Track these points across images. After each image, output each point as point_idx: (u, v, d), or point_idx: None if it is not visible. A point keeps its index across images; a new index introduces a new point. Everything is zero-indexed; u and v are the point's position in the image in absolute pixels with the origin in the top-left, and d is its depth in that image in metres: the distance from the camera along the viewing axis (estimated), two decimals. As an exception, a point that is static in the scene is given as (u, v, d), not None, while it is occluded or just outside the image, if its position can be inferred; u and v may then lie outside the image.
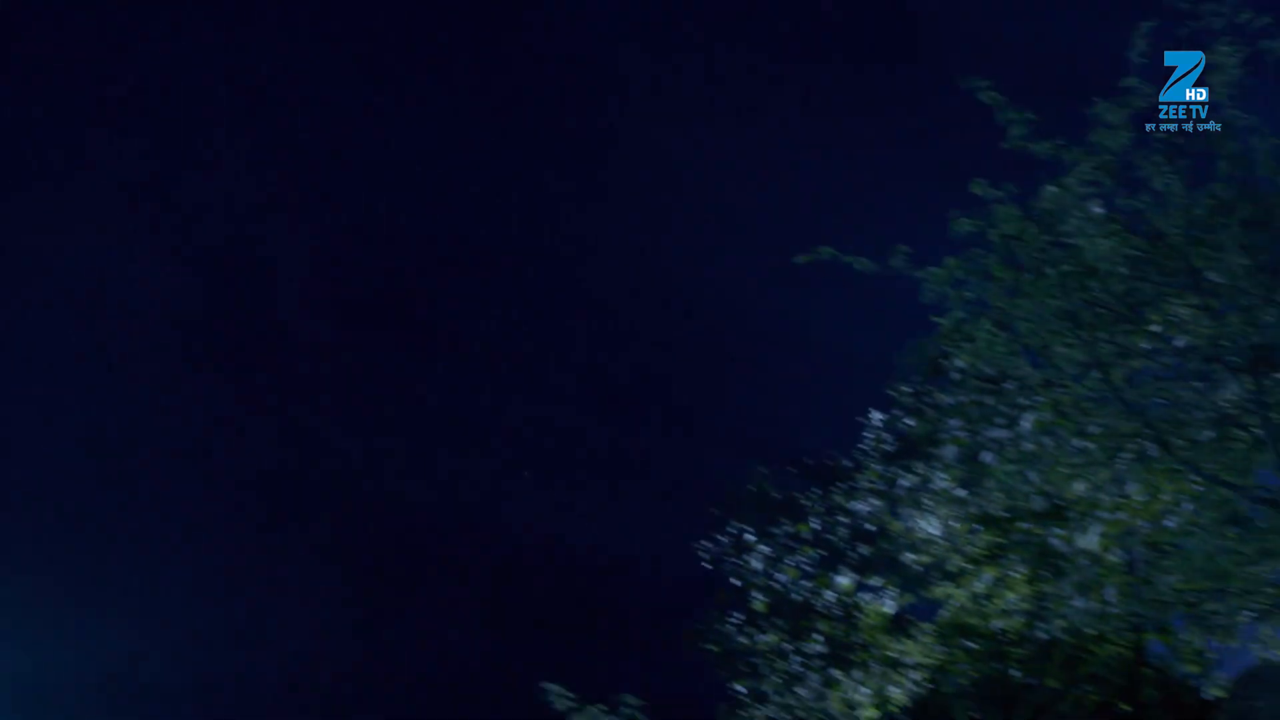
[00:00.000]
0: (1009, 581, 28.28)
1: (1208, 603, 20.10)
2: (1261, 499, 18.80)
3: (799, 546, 32.61)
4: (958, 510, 31.14)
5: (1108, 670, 24.75)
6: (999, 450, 26.56)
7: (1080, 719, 24.35)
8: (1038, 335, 18.78)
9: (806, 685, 30.94)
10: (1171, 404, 19.77)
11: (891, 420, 32.59)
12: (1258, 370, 18.46)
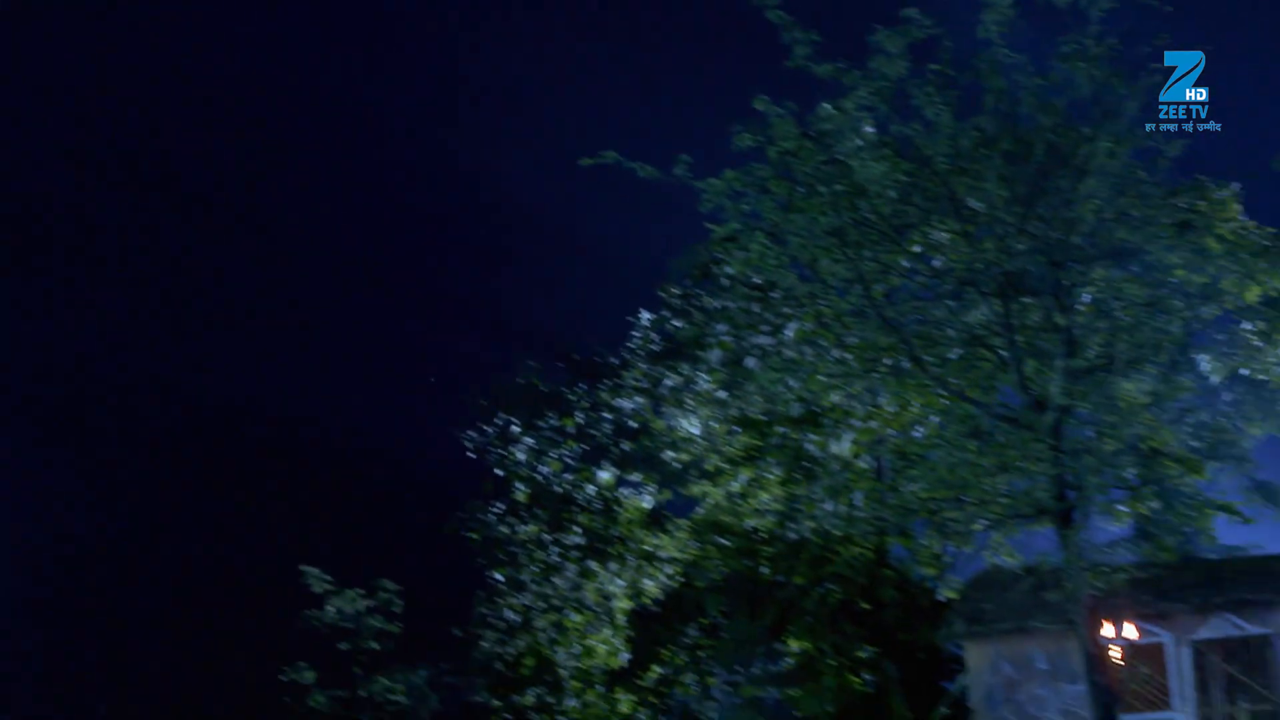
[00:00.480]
0: (763, 482, 29.33)
1: (948, 510, 21.24)
2: (1003, 416, 19.86)
3: (563, 440, 33.10)
4: (718, 412, 32.09)
5: (851, 570, 25.92)
6: (762, 356, 27.46)
7: (824, 615, 25.47)
8: (807, 250, 19.32)
9: (564, 575, 31.60)
10: (926, 322, 20.64)
11: (659, 321, 33.19)
12: (1007, 295, 19.47)
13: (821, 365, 23.84)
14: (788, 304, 25.16)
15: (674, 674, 30.75)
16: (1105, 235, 19.25)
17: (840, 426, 26.92)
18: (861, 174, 18.54)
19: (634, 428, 33.82)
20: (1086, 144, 18.42)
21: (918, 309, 20.69)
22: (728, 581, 27.50)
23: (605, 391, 33.47)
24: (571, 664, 30.98)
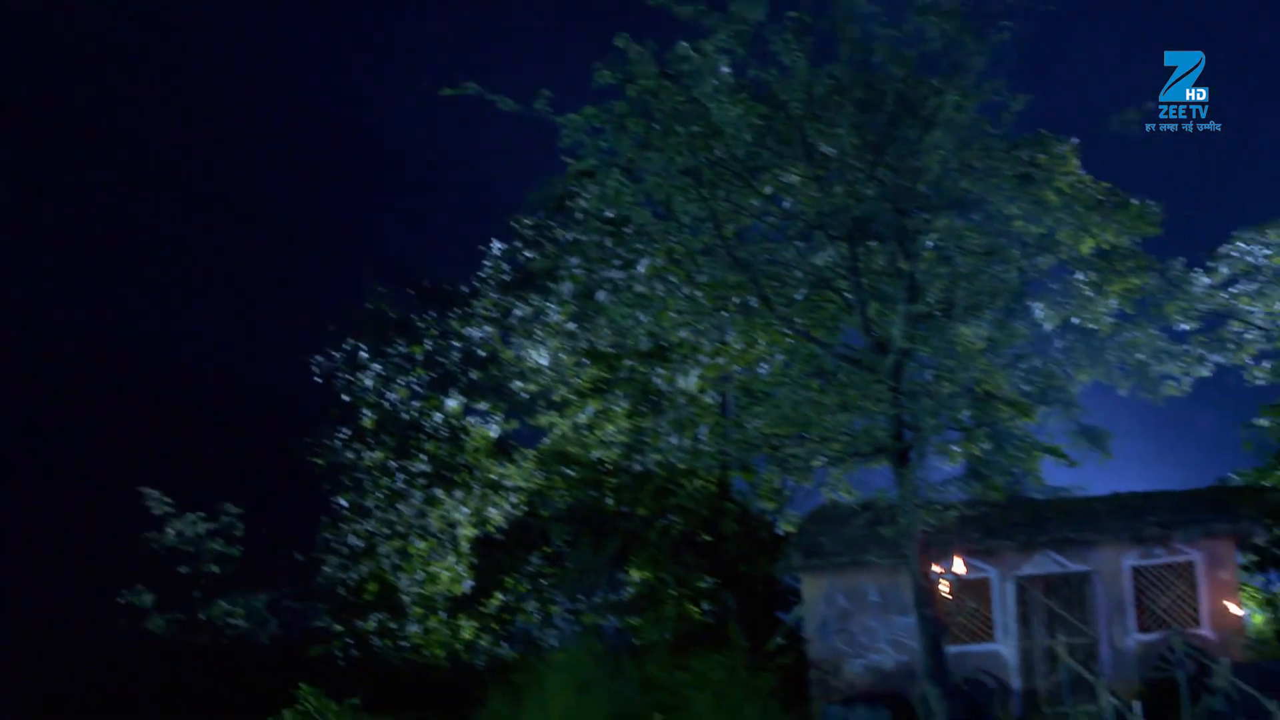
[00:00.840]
0: (610, 415, 29.64)
1: (789, 446, 21.82)
2: (845, 357, 20.41)
3: (411, 367, 32.98)
4: (568, 344, 32.32)
5: (694, 503, 26.41)
6: (613, 291, 27.69)
7: (666, 546, 25.91)
8: (662, 188, 19.57)
9: (409, 502, 31.61)
10: (774, 262, 21.08)
11: (511, 251, 33.18)
12: (854, 239, 19.99)
13: (671, 301, 24.19)
14: (640, 240, 25.38)
15: (516, 601, 31.02)
16: (949, 185, 19.79)
17: (688, 362, 27.30)
18: (718, 115, 18.78)
19: (482, 357, 33.84)
20: (935, 96, 18.92)
21: (767, 249, 21.11)
22: (572, 511, 27.77)
23: (455, 320, 33.36)
24: (414, 590, 31.05)
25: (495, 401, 33.47)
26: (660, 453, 27.37)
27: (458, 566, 31.32)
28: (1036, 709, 22.30)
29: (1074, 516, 24.27)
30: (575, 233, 29.60)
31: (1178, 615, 22.88)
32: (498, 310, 33.66)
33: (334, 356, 32.85)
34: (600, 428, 30.31)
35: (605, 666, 23.93)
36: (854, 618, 23.91)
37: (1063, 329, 35.76)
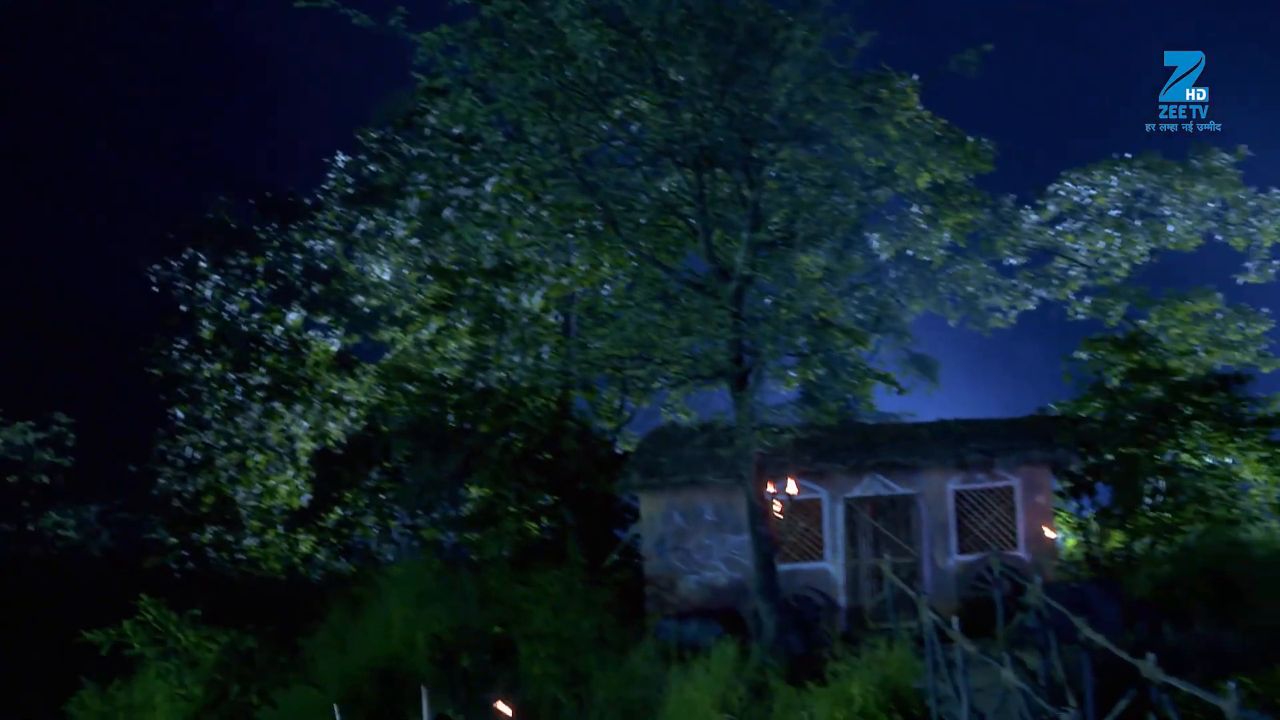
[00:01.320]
0: (453, 332, 29.64)
1: (632, 368, 22.24)
2: (689, 282, 20.83)
3: (252, 279, 32.55)
4: (411, 259, 32.20)
5: (535, 421, 26.62)
6: (460, 208, 27.65)
7: (507, 463, 26.09)
8: (514, 109, 19.64)
9: (247, 415, 31.32)
10: (622, 186, 21.34)
11: (355, 164, 32.85)
12: (701, 167, 20.35)
13: (517, 221, 24.32)
14: (488, 159, 25.32)
15: (355, 516, 31.06)
16: (795, 117, 20.22)
17: (532, 281, 27.44)
18: (571, 39, 18.88)
19: (325, 270, 33.56)
20: (784, 29, 19.26)
21: (616, 174, 21.33)
22: (414, 427, 27.77)
23: (297, 232, 33.00)
24: (252, 503, 30.87)
25: (337, 315, 33.27)
26: (503, 370, 27.49)
27: (296, 480, 31.18)
28: (862, 625, 23.14)
29: (902, 442, 25.11)
30: (422, 149, 29.41)
31: (996, 537, 23.95)
32: (341, 224, 33.35)
33: (172, 266, 32.23)
34: (443, 344, 30.30)
35: (444, 580, 24.19)
36: (690, 536, 24.47)
37: (897, 260, 36.82)
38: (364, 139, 32.21)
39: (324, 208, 33.07)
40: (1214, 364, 31.19)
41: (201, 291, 32.10)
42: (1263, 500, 27.62)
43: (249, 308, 32.50)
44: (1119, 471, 26.53)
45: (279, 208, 33.24)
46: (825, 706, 17.42)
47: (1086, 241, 36.13)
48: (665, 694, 19.03)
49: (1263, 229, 34.30)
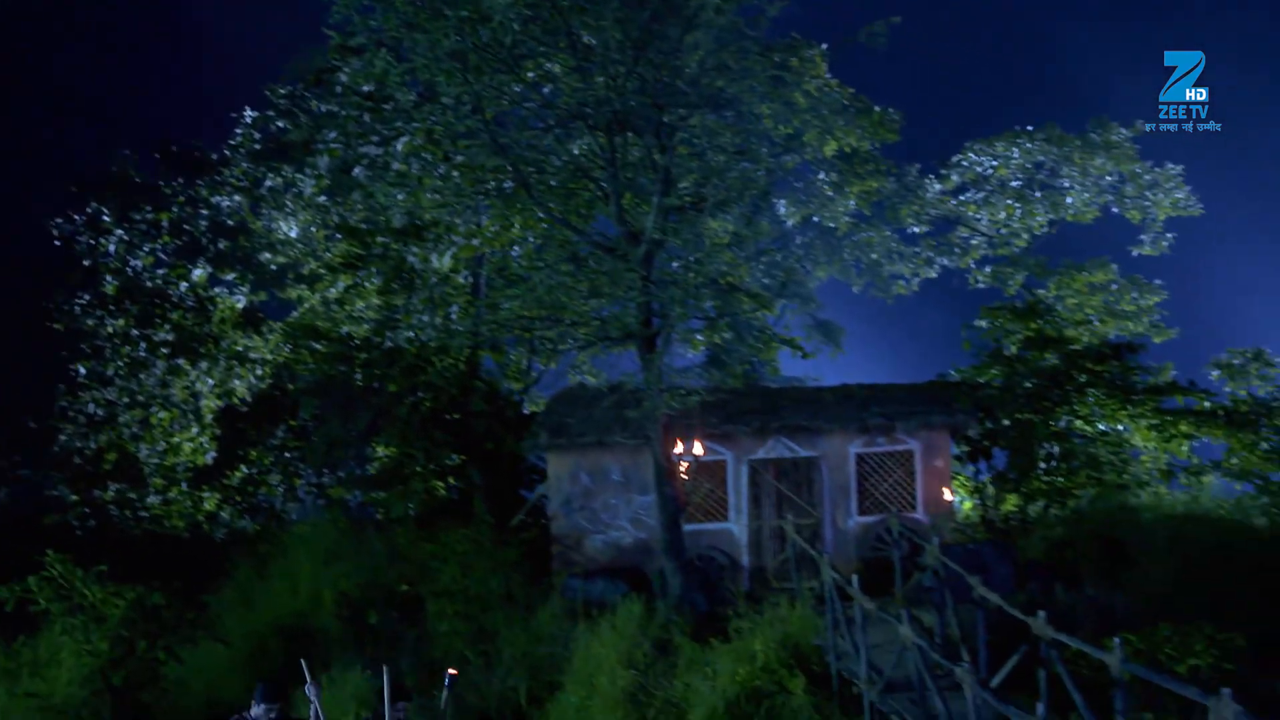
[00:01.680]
0: (362, 290, 29.54)
1: (541, 329, 22.43)
2: (599, 244, 21.05)
3: (157, 234, 32.15)
4: (319, 217, 32.01)
5: (444, 380, 26.66)
6: (370, 167, 27.57)
7: (415, 422, 26.12)
8: (428, 69, 19.67)
9: (151, 372, 30.98)
10: (534, 148, 21.47)
11: (263, 120, 32.52)
12: (613, 131, 20.54)
13: (428, 181, 24.33)
14: (400, 118, 25.28)
15: (260, 474, 30.93)
16: (707, 84, 20.47)
17: (442, 242, 27.42)
18: (487, 1, 18.93)
19: (231, 226, 33.23)
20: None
21: (528, 136, 21.46)
22: (321, 385, 27.68)
23: (203, 187, 32.62)
24: (155, 461, 30.58)
25: (243, 272, 32.97)
26: (411, 330, 27.51)
27: (201, 438, 30.93)
28: (764, 584, 23.62)
29: (805, 406, 25.58)
30: (332, 106, 29.19)
31: (896, 500, 24.53)
32: (248, 180, 33.03)
33: (75, 220, 31.72)
34: (350, 303, 30.20)
35: (351, 539, 24.28)
36: (597, 496, 24.78)
37: (803, 226, 37.30)
38: (273, 95, 31.86)
39: (231, 163, 32.70)
40: (1108, 333, 32.05)
41: (105, 246, 31.62)
42: (1152, 466, 28.56)
43: (154, 263, 32.10)
44: (1015, 437, 27.25)
45: (185, 162, 32.81)
46: (728, 662, 17.84)
47: (988, 211, 36.88)
48: (572, 651, 19.35)
49: (1157, 202, 35.22)
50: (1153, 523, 22.99)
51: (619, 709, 17.70)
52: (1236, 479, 26.89)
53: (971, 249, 37.51)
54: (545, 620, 20.70)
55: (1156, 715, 15.20)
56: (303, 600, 22.27)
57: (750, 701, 17.19)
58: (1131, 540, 22.11)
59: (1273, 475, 26.31)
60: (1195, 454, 28.27)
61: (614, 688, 18.08)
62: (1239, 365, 29.19)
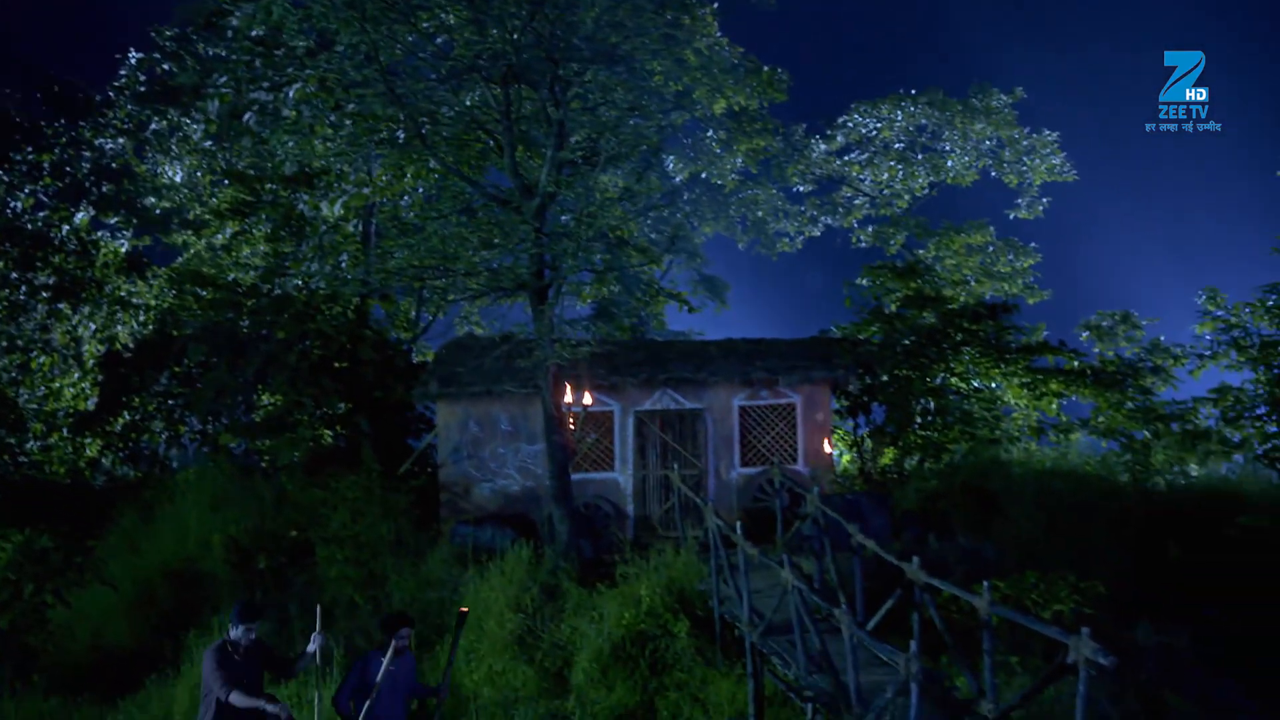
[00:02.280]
0: (249, 237, 29.38)
1: (431, 279, 22.55)
2: (493, 196, 21.22)
3: (38, 176, 31.58)
4: (205, 162, 31.69)
5: (333, 329, 26.63)
6: (260, 113, 27.38)
7: (304, 370, 26.04)
8: (325, 16, 19.65)
9: (31, 316, 30.49)
10: (428, 99, 21.54)
11: (149, 62, 32.05)
12: (508, 84, 20.71)
13: (320, 128, 24.28)
14: (291, 64, 25.17)
15: (143, 420, 30.64)
16: (601, 39, 20.67)
17: (333, 190, 27.35)
18: (385, -50, 18.96)
19: (115, 170, 32.78)
20: (594, -47, 19.67)
21: (422, 86, 21.51)
22: (208, 331, 27.50)
23: (86, 129, 32.11)
24: (35, 406, 30.14)
25: (127, 216, 32.58)
26: (300, 278, 27.43)
27: (82, 383, 30.56)
28: (649, 532, 24.11)
29: (691, 359, 26.02)
30: (221, 50, 28.86)
31: (777, 451, 25.14)
32: (132, 122, 32.56)
33: (-49, 160, 31.06)
34: (238, 249, 30.03)
35: (239, 485, 24.31)
36: (485, 444, 25.05)
37: (691, 183, 37.78)
38: (159, 36, 31.41)
39: (115, 105, 32.21)
40: (984, 294, 33.04)
41: (-17, 187, 31.02)
42: (1022, 423, 29.55)
43: (34, 205, 31.53)
44: (893, 392, 27.98)
45: (68, 103, 32.27)
46: (615, 607, 18.31)
47: (871, 172, 37.68)
48: (461, 595, 19.68)
49: (1034, 168, 36.30)
50: (1022, 477, 23.84)
51: (508, 651, 18.10)
52: (1102, 437, 27.88)
53: (854, 209, 38.33)
54: (434, 565, 21.00)
55: (1021, 657, 16.03)
56: (191, 545, 22.33)
57: (635, 644, 17.66)
58: (1001, 493, 22.93)
59: (1137, 434, 27.32)
60: (1064, 412, 29.29)
61: (503, 631, 18.47)
62: (1107, 327, 30.29)
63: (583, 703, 16.92)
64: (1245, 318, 26.40)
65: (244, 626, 11.18)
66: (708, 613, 18.23)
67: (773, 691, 16.19)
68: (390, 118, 22.05)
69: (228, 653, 11.18)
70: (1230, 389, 26.48)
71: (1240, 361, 26.43)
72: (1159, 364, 28.29)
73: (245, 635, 11.18)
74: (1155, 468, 26.30)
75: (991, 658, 12.49)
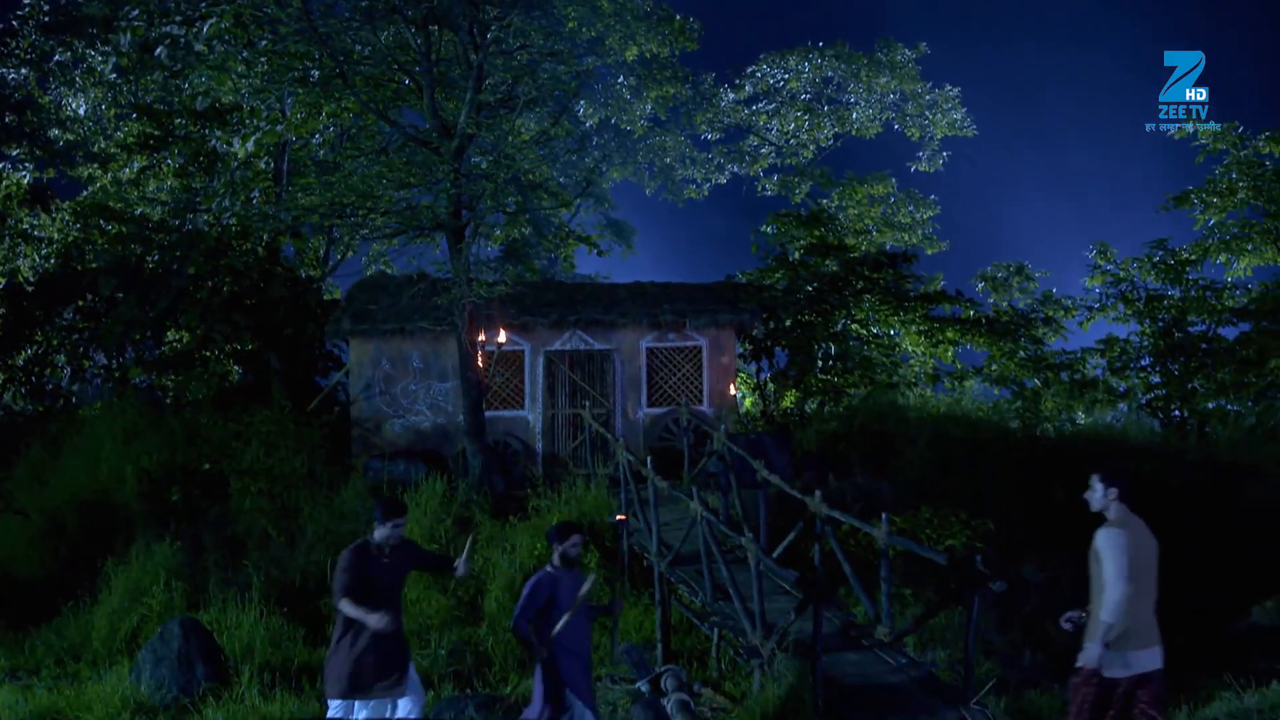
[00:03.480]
0: (158, 172, 29.17)
1: (349, 217, 22.78)
2: (412, 137, 21.46)
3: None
4: (112, 95, 31.35)
5: (245, 265, 26.61)
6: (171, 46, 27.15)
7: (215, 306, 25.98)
8: (243, -49, 19.71)
9: (-72, 251, 30.07)
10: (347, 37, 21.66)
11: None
12: (427, 25, 20.93)
13: (233, 63, 24.23)
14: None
15: (46, 354, 30.33)
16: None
17: (246, 126, 27.21)
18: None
19: (17, 100, 32.31)
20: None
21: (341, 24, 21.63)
22: (117, 265, 27.32)
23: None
24: (-68, 339, 29.70)
25: (29, 148, 32.17)
26: (211, 214, 27.34)
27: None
28: (556, 469, 24.63)
29: (601, 301, 26.50)
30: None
31: (683, 393, 25.74)
32: (35, 53, 32.11)
33: None
34: (146, 184, 29.84)
35: (149, 420, 24.37)
36: (397, 381, 25.38)
37: (601, 128, 38.11)
38: (66, -34, 31.01)
39: (18, 35, 31.72)
40: (885, 243, 33.86)
41: None
42: (919, 369, 30.52)
43: (-73, 133, 31.08)
44: (796, 337, 28.71)
45: (-34, 32, 31.72)
46: (526, 538, 18.87)
47: (778, 122, 38.30)
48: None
49: (935, 122, 37.15)
50: (918, 421, 24.68)
51: (421, 580, 18.55)
52: (995, 384, 28.89)
53: (761, 158, 38.94)
54: (348, 499, 21.36)
55: (914, 589, 16.90)
56: (103, 478, 22.40)
57: (547, 574, 18.22)
58: (898, 436, 23.73)
59: (1027, 382, 28.36)
60: (959, 359, 30.29)
61: (417, 561, 18.88)
62: (1002, 279, 31.25)
63: (494, 630, 17.41)
64: (1133, 272, 27.47)
65: (390, 524, 10.14)
66: (617, 544, 18.85)
67: (679, 619, 16.87)
68: (306, 55, 22.12)
69: (360, 556, 10.06)
70: (1117, 340, 27.58)
71: (1127, 314, 27.52)
72: (1050, 315, 29.27)
73: (393, 533, 10.19)
74: (1044, 415, 27.31)
75: (888, 585, 13.23)
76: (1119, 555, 8.48)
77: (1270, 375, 25.15)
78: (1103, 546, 8.55)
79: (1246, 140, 26.44)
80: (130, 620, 18.01)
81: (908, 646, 13.94)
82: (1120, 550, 8.50)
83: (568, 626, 10.32)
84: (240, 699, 14.31)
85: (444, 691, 14.85)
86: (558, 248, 32.69)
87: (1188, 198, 27.32)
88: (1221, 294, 26.63)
